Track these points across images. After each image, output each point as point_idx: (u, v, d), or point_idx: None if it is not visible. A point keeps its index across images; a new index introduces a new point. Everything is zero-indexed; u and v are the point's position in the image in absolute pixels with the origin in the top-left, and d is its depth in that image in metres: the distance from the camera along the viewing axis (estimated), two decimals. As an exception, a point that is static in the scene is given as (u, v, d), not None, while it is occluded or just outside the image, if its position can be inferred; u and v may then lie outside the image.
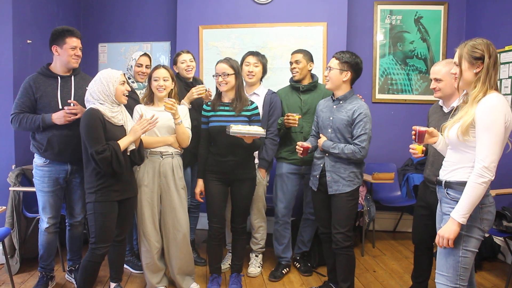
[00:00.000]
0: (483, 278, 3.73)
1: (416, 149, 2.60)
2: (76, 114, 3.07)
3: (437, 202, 2.73)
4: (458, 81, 2.23)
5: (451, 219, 2.13)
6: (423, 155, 2.68)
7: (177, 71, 3.87)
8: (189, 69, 3.79)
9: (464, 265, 2.17)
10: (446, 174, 2.28)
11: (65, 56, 3.17)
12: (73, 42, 3.18)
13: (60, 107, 3.14)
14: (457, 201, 2.16)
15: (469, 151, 2.16)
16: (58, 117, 3.07)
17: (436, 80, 2.87)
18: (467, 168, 2.17)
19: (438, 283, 2.25)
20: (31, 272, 3.69)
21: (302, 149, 3.17)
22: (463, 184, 2.15)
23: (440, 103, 3.00)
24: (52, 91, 3.18)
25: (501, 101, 2.08)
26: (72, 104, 3.09)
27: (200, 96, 3.61)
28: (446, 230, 2.14)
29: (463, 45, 2.21)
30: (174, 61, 3.89)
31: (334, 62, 3.07)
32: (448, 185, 2.25)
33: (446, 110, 2.91)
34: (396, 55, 5.11)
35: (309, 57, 3.73)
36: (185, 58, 3.80)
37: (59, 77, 3.22)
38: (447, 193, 2.25)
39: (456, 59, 2.22)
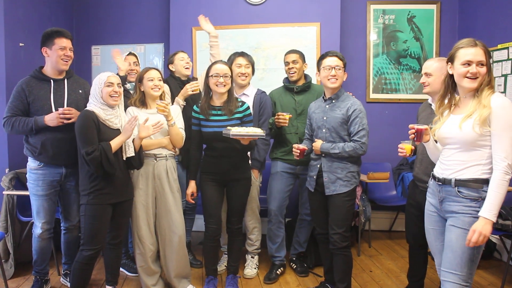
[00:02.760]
0: (480, 276, 3.73)
1: (405, 148, 2.61)
2: (70, 119, 3.05)
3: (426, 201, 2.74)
4: (488, 80, 2.17)
5: (483, 219, 2.09)
6: (411, 154, 2.68)
7: (173, 69, 3.86)
8: (188, 66, 3.81)
9: (477, 263, 2.20)
10: (453, 172, 2.25)
11: (54, 56, 3.14)
12: (62, 42, 3.15)
13: (54, 110, 3.11)
14: (471, 199, 2.17)
15: (480, 149, 2.16)
16: (51, 119, 3.05)
17: (426, 74, 2.88)
18: (478, 165, 2.17)
19: (447, 282, 2.23)
20: (26, 276, 3.66)
21: (298, 151, 3.16)
22: (476, 181, 2.16)
23: (429, 101, 3.01)
24: (45, 95, 3.15)
25: (508, 99, 2.13)
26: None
27: (194, 92, 3.61)
28: (482, 228, 2.09)
29: (482, 44, 2.18)
30: (169, 61, 3.88)
31: (340, 63, 3.08)
32: (460, 183, 2.22)
33: (434, 108, 2.91)
34: (389, 54, 5.12)
35: (304, 58, 3.73)
36: (183, 56, 3.82)
37: (52, 81, 3.19)
38: (459, 191, 2.22)
39: (482, 57, 2.16)
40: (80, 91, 3.28)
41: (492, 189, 2.10)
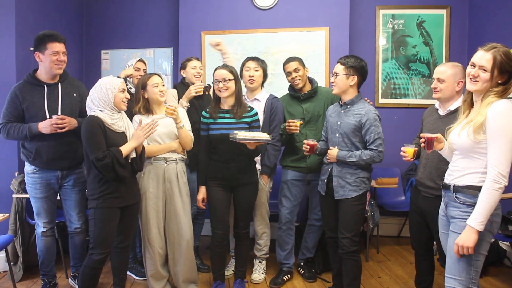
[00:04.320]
0: (489, 283, 3.70)
1: (407, 152, 2.60)
2: (63, 128, 3.05)
3: (428, 207, 2.77)
4: (486, 87, 2.15)
5: (469, 227, 2.10)
6: (413, 159, 2.67)
7: (184, 76, 3.87)
8: (198, 76, 3.81)
9: (476, 268, 2.18)
10: (454, 178, 2.27)
11: (47, 62, 3.09)
12: (55, 47, 3.09)
13: (48, 116, 3.11)
14: (467, 205, 2.17)
15: (479, 157, 2.15)
16: (44, 126, 3.04)
17: (439, 80, 2.83)
18: (476, 173, 2.17)
19: (448, 287, 2.23)
20: (34, 279, 3.68)
21: (308, 147, 3.15)
22: (472, 187, 2.16)
23: (436, 105, 2.98)
24: (38, 101, 3.13)
25: (510, 106, 2.07)
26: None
27: (198, 94, 3.63)
28: (465, 239, 2.11)
29: (494, 49, 2.13)
30: (182, 66, 3.89)
31: (340, 68, 3.06)
32: (457, 189, 2.24)
33: (441, 113, 2.89)
34: (398, 59, 5.10)
35: (303, 62, 3.69)
36: (196, 65, 3.82)
37: (45, 86, 3.17)
38: (456, 197, 2.24)
39: (486, 63, 2.14)
40: (75, 94, 3.27)
41: (480, 198, 2.09)
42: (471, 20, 4.98)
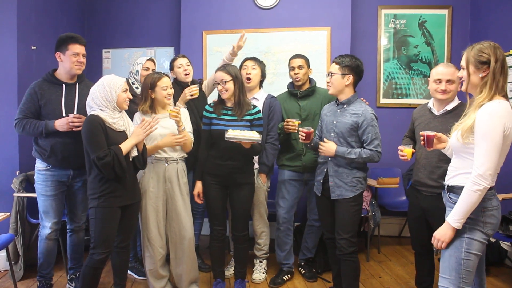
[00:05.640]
0: (490, 283, 3.69)
1: (405, 151, 2.60)
2: (79, 127, 3.05)
3: (430, 205, 2.79)
4: (466, 85, 2.20)
5: (446, 223, 2.17)
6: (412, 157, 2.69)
7: (174, 76, 3.86)
8: (187, 72, 3.76)
9: (467, 268, 2.17)
10: (449, 178, 2.30)
11: (68, 62, 3.19)
12: (76, 48, 3.19)
13: (64, 114, 3.15)
14: None
15: (469, 157, 2.17)
16: (60, 124, 3.08)
17: (448, 81, 2.80)
18: (467, 174, 2.18)
19: (440, 286, 2.25)
20: (35, 278, 3.65)
21: (304, 134, 3.11)
22: (461, 188, 2.17)
23: (429, 104, 2.97)
24: (56, 99, 3.19)
25: (502, 108, 2.07)
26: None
27: (193, 97, 3.61)
28: (441, 233, 2.19)
29: (470, 48, 2.19)
30: (170, 67, 3.87)
31: (335, 67, 3.05)
32: (450, 189, 2.27)
33: (437, 112, 2.88)
34: (400, 59, 5.09)
35: (309, 63, 3.73)
36: (182, 63, 3.77)
37: (64, 85, 3.23)
38: (449, 197, 2.27)
39: (463, 62, 2.20)
40: None
41: (460, 197, 2.13)
42: (473, 20, 4.97)
